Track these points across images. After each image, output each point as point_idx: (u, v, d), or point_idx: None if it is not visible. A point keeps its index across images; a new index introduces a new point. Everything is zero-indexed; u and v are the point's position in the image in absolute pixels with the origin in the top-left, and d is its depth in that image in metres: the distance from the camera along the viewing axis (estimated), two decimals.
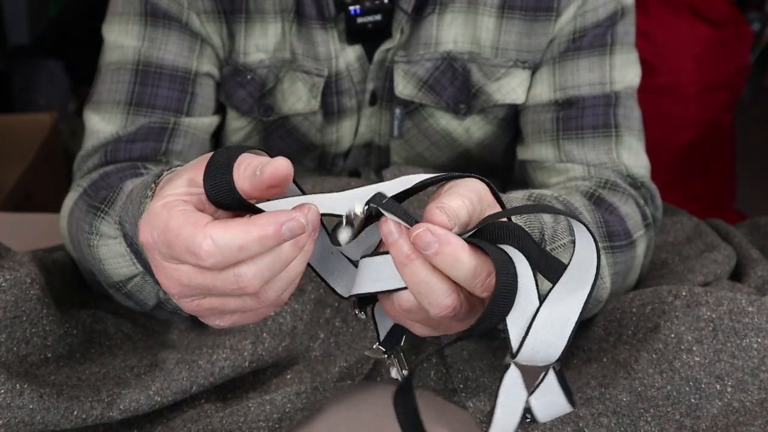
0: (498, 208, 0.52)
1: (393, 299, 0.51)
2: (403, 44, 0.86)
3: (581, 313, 0.49)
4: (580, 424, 0.62)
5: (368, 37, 0.85)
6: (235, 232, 0.45)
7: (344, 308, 0.75)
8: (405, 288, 0.50)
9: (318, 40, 0.85)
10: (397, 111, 0.90)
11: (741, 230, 0.92)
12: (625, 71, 0.86)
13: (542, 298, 0.49)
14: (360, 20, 0.84)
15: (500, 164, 0.98)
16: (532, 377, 0.51)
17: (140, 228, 0.48)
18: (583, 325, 0.73)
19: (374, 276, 0.51)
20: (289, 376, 0.70)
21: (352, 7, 0.83)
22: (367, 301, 0.56)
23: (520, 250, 0.50)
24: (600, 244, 0.72)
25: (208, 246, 0.45)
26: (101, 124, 0.82)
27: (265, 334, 0.70)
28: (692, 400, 0.63)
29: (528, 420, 0.62)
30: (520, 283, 0.48)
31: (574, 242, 0.61)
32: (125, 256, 0.67)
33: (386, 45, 0.86)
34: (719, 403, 0.63)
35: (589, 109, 0.85)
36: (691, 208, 1.03)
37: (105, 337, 0.73)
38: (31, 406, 0.61)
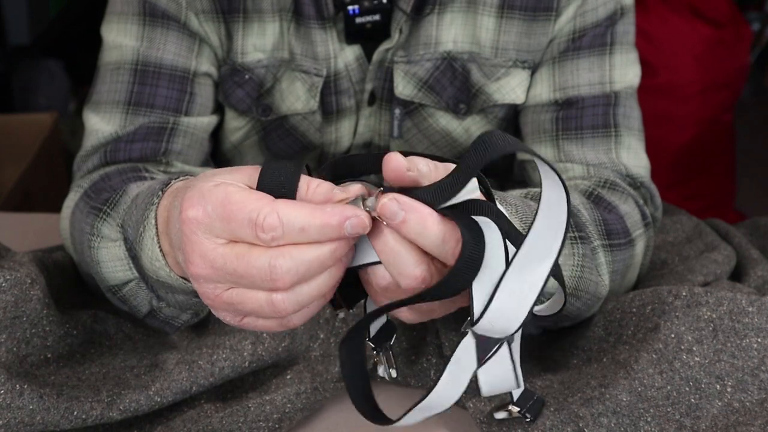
0: (480, 196, 0.52)
1: (371, 279, 0.51)
2: (403, 44, 0.86)
3: (544, 283, 0.48)
4: (580, 424, 0.62)
5: (367, 37, 0.85)
6: (301, 212, 0.45)
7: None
8: (380, 262, 0.50)
9: (317, 40, 0.85)
10: (397, 111, 0.90)
11: (741, 230, 0.92)
12: (624, 71, 0.86)
13: (508, 264, 0.48)
14: (359, 20, 0.84)
15: (500, 164, 0.98)
16: (484, 350, 0.51)
17: (186, 204, 0.48)
18: (583, 325, 0.73)
19: (356, 252, 0.51)
20: (289, 376, 0.70)
21: (350, 7, 0.83)
22: (357, 297, 0.56)
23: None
24: (598, 242, 0.72)
25: (273, 219, 0.45)
26: (100, 124, 0.82)
27: (265, 334, 0.70)
28: (692, 400, 0.63)
29: (528, 420, 0.63)
30: (488, 250, 0.48)
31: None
32: (123, 260, 0.67)
33: (385, 45, 0.86)
34: (719, 403, 0.63)
35: (588, 109, 0.85)
36: (691, 208, 1.03)
37: (105, 337, 0.73)
38: (31, 407, 0.61)
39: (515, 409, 0.64)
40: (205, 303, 0.50)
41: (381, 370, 0.58)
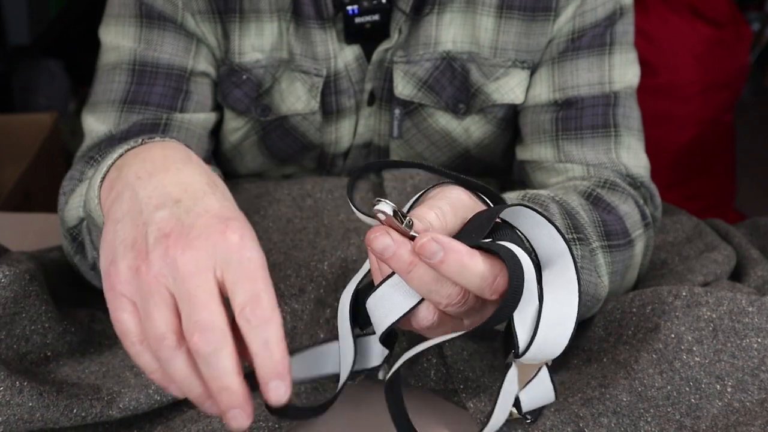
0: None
1: (412, 322, 0.52)
2: (402, 44, 0.86)
3: (579, 308, 0.49)
4: (580, 424, 0.62)
5: (366, 37, 0.85)
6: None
7: None
8: (420, 302, 0.50)
9: (316, 40, 0.85)
10: (397, 111, 0.90)
11: (741, 230, 0.92)
12: (624, 71, 0.86)
13: (540, 297, 0.49)
14: (358, 20, 0.84)
15: (500, 164, 0.98)
16: (525, 374, 0.52)
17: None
18: (583, 325, 0.73)
19: (386, 309, 0.51)
20: None
21: (349, 7, 0.83)
22: (390, 338, 0.57)
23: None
24: (597, 244, 0.72)
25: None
26: (95, 125, 0.82)
27: None
28: (692, 400, 0.63)
29: (528, 421, 0.63)
30: (525, 283, 0.49)
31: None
32: (81, 197, 0.66)
33: (384, 45, 0.86)
34: (719, 403, 0.63)
35: (588, 109, 0.85)
36: (691, 208, 1.03)
37: (104, 336, 0.73)
38: (30, 404, 0.61)
39: (515, 410, 0.64)
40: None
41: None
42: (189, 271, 0.46)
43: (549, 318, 0.49)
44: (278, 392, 0.47)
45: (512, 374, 0.51)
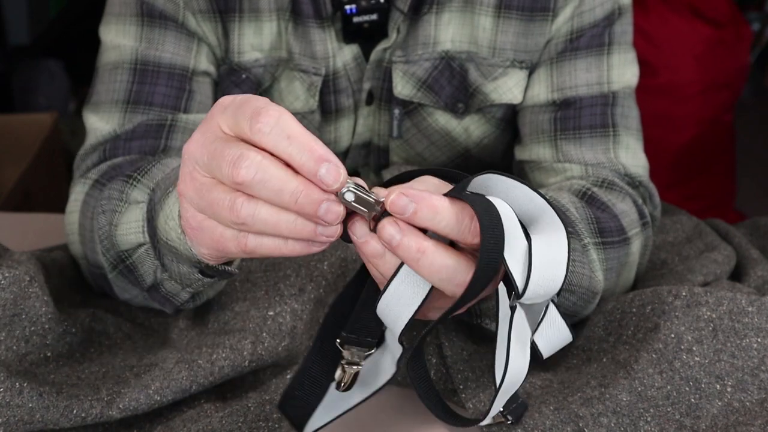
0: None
1: (428, 314, 0.53)
2: (401, 44, 0.86)
3: (569, 244, 0.51)
4: (580, 424, 0.62)
5: (365, 37, 0.85)
6: (298, 126, 0.47)
7: None
8: (430, 291, 0.51)
9: (315, 39, 0.85)
10: (396, 111, 0.90)
11: (741, 230, 0.92)
12: (622, 71, 0.86)
13: (528, 238, 0.50)
14: (356, 19, 0.84)
15: (500, 164, 0.98)
16: (533, 316, 0.52)
17: (214, 105, 0.50)
18: (583, 325, 0.73)
19: (399, 307, 0.52)
20: (289, 376, 0.70)
21: (347, 6, 0.83)
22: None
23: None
24: (589, 240, 0.72)
25: (274, 116, 0.47)
26: (99, 123, 0.82)
27: (264, 334, 0.70)
28: (692, 400, 0.63)
29: (510, 423, 0.63)
30: (506, 223, 0.49)
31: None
32: (139, 222, 0.66)
33: (383, 45, 0.86)
34: (719, 403, 0.63)
35: (586, 109, 0.85)
36: (691, 208, 1.03)
37: (104, 336, 0.73)
38: (30, 405, 0.61)
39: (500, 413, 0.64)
40: (178, 189, 0.52)
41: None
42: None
43: (540, 255, 0.50)
44: (329, 173, 0.47)
45: (519, 316, 0.51)
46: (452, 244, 0.52)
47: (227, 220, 0.49)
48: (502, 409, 0.64)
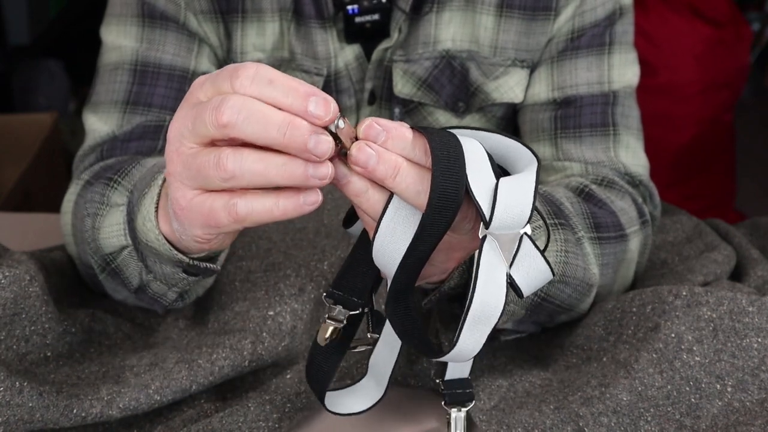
0: None
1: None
2: (402, 43, 0.86)
3: (537, 176, 0.52)
4: (580, 424, 0.62)
5: (367, 37, 0.86)
6: (279, 72, 0.48)
7: None
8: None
9: (317, 39, 0.85)
10: (397, 110, 0.90)
11: (741, 230, 0.92)
12: (623, 71, 0.86)
13: (496, 172, 0.52)
14: (358, 20, 0.84)
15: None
16: (509, 249, 0.52)
17: (192, 84, 0.51)
18: (583, 324, 0.73)
19: (394, 244, 0.52)
20: (289, 376, 0.70)
21: (349, 7, 0.83)
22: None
23: None
24: (583, 233, 0.72)
25: (252, 68, 0.47)
26: (98, 124, 0.82)
27: (264, 334, 0.70)
28: (692, 399, 0.63)
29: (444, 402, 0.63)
30: (474, 157, 0.51)
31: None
32: (120, 225, 0.66)
33: (384, 44, 0.86)
34: (719, 403, 0.63)
35: (587, 108, 0.85)
36: (691, 208, 1.02)
37: (104, 336, 0.73)
38: (30, 404, 0.61)
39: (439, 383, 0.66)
40: (168, 170, 0.52)
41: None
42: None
43: (506, 183, 0.51)
44: (319, 105, 0.47)
45: (489, 246, 0.51)
46: None
47: (216, 179, 0.49)
48: (443, 387, 0.66)
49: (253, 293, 0.75)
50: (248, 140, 0.48)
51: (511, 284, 0.52)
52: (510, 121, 0.92)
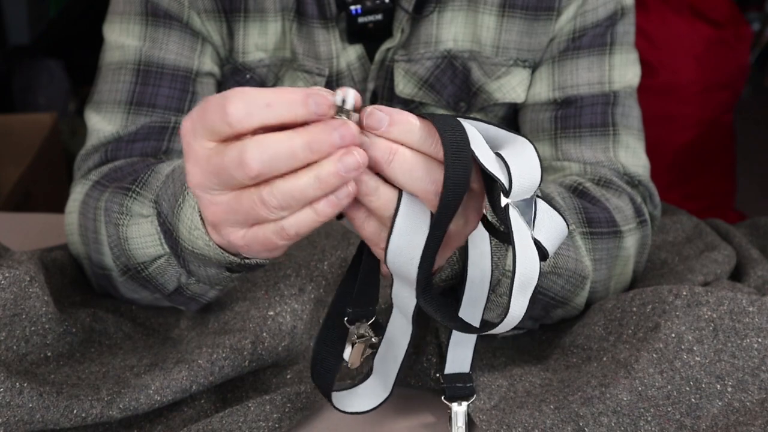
0: None
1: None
2: (404, 43, 0.86)
3: (534, 147, 0.53)
4: (580, 424, 0.62)
5: (369, 37, 0.86)
6: (264, 91, 0.47)
7: None
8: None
9: (319, 40, 0.85)
10: None
11: (741, 230, 0.92)
12: (624, 71, 0.86)
13: (496, 152, 0.52)
14: (361, 20, 0.84)
15: None
16: (527, 213, 0.54)
17: (182, 135, 0.50)
18: (582, 324, 0.73)
19: (410, 238, 0.52)
20: (289, 376, 0.70)
21: (353, 7, 0.83)
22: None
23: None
24: (576, 228, 0.72)
25: (237, 98, 0.47)
26: (102, 124, 0.82)
27: (265, 334, 0.70)
28: (692, 399, 0.63)
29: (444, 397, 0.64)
30: (473, 134, 0.51)
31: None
32: (154, 236, 0.67)
33: (387, 44, 0.86)
34: (719, 403, 0.63)
35: (587, 108, 0.85)
36: (691, 208, 1.03)
37: (105, 336, 0.73)
38: (30, 405, 0.61)
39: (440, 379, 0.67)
40: (210, 221, 0.53)
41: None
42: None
43: (508, 154, 0.52)
44: (318, 103, 0.47)
45: (514, 213, 0.53)
46: None
47: (266, 215, 0.49)
48: (443, 381, 0.66)
49: (253, 293, 0.75)
50: (283, 172, 0.48)
51: (537, 246, 0.54)
52: (511, 121, 0.92)
